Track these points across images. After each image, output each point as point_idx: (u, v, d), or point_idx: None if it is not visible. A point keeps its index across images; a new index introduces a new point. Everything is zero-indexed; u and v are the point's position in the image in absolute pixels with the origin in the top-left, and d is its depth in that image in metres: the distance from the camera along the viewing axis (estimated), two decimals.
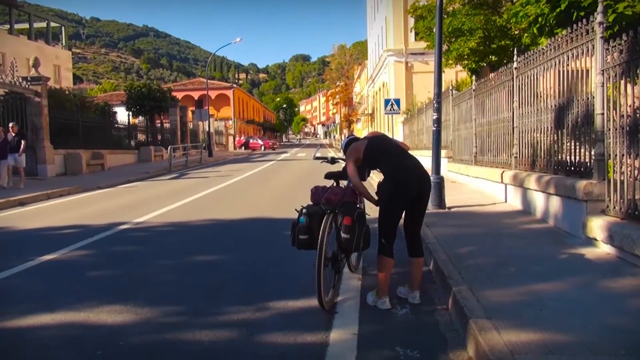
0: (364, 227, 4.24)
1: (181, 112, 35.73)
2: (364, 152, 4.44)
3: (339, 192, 4.37)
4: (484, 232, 6.73)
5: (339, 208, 4.26)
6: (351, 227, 4.13)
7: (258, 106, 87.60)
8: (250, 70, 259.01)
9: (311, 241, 4.17)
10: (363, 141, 4.61)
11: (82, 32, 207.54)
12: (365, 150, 4.45)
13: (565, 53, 6.65)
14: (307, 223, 4.20)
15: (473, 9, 15.75)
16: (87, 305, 4.43)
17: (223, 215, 9.59)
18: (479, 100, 11.00)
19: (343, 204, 4.28)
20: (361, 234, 4.19)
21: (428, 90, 17.67)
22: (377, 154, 4.45)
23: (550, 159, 7.31)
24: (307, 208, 4.32)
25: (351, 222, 4.13)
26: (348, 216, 4.15)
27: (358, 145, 4.54)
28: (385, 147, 4.52)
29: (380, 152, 4.46)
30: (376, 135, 4.81)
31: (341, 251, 4.40)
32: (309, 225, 4.20)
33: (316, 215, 4.23)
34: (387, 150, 4.49)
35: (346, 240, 4.15)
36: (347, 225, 4.13)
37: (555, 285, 4.30)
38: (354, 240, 4.14)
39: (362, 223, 4.22)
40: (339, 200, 4.30)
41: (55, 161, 19.31)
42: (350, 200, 4.38)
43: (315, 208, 4.32)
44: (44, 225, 8.98)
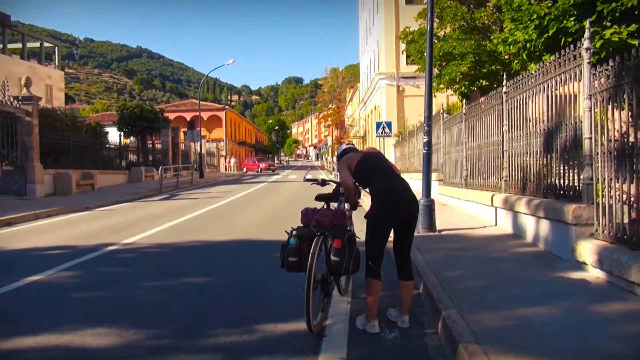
0: (354, 250, 4.19)
1: (173, 133, 35.72)
2: (356, 165, 4.46)
3: (329, 215, 4.34)
4: (474, 256, 6.72)
5: (329, 230, 4.22)
6: (341, 249, 4.08)
7: (250, 128, 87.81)
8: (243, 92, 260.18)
9: (301, 263, 4.12)
10: (358, 154, 4.64)
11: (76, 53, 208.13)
12: (357, 164, 4.47)
13: (553, 78, 6.73)
14: (297, 245, 4.16)
15: (464, 33, 15.98)
16: (71, 328, 4.36)
17: (212, 236, 9.53)
18: (469, 123, 11.08)
19: (333, 227, 4.25)
20: (351, 257, 4.14)
21: (419, 113, 17.79)
22: (371, 171, 4.46)
23: (540, 182, 7.34)
24: (297, 230, 4.28)
25: (341, 245, 4.08)
26: (338, 239, 4.11)
27: (352, 157, 4.57)
28: (379, 165, 4.52)
29: (374, 169, 4.46)
30: (371, 151, 4.80)
31: (331, 274, 4.34)
32: (299, 247, 4.15)
33: (306, 238, 4.19)
34: (380, 168, 4.49)
35: (336, 263, 4.10)
36: (337, 248, 4.08)
37: (545, 310, 4.28)
38: (343, 263, 4.09)
39: (352, 246, 4.17)
40: (329, 223, 4.27)
41: (45, 181, 19.17)
42: (340, 222, 4.33)
43: (305, 230, 4.27)
44: (31, 245, 8.88)
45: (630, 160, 4.97)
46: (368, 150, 4.81)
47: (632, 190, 4.96)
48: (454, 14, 16.13)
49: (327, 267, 4.24)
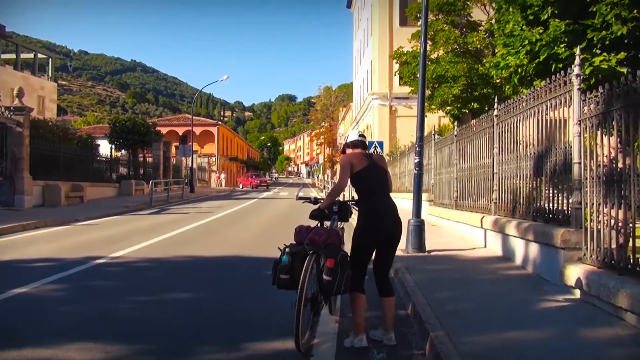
0: (347, 270, 4.16)
1: (165, 147, 35.66)
2: (358, 172, 4.46)
3: (323, 233, 4.30)
4: (463, 277, 6.73)
5: (323, 249, 4.19)
6: (334, 269, 4.05)
7: (242, 144, 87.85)
8: (236, 108, 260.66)
9: (292, 281, 4.11)
10: (365, 159, 4.56)
11: (70, 65, 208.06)
12: (361, 171, 4.47)
13: (544, 103, 6.82)
14: (290, 262, 4.14)
15: (456, 56, 16.18)
16: (55, 342, 4.30)
17: (202, 252, 9.48)
18: (460, 145, 11.16)
19: (327, 246, 4.21)
20: (343, 277, 4.10)
21: (411, 134, 17.92)
22: (367, 185, 4.51)
23: (529, 205, 7.39)
24: (290, 247, 4.26)
25: (334, 265, 4.06)
26: (331, 258, 4.08)
27: (359, 160, 4.53)
28: (377, 182, 4.53)
29: (369, 185, 4.50)
30: (379, 162, 4.67)
31: (322, 293, 4.31)
32: (291, 265, 4.13)
33: (299, 255, 4.17)
34: (375, 186, 4.51)
35: (328, 282, 4.06)
36: (330, 268, 4.06)
37: (532, 333, 4.29)
38: (335, 282, 4.06)
39: (344, 266, 4.14)
40: (322, 242, 4.23)
41: (34, 192, 19.03)
42: (334, 242, 4.30)
43: (298, 247, 4.25)
44: (17, 257, 8.78)
45: (618, 186, 5.02)
46: (377, 159, 4.69)
47: (619, 215, 5.00)
48: (447, 38, 16.37)
49: (319, 286, 4.20)
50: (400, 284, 6.43)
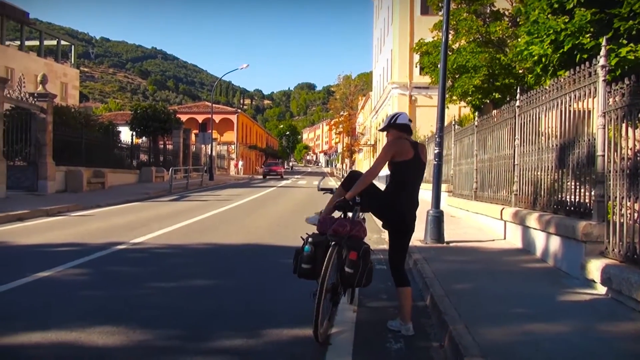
0: (368, 263, 4.17)
1: (184, 134, 35.89)
2: (399, 162, 4.33)
3: (347, 225, 4.26)
4: (482, 269, 6.70)
5: (346, 241, 4.18)
6: (356, 262, 4.06)
7: (261, 132, 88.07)
8: (255, 96, 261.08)
9: (313, 271, 4.13)
10: (409, 151, 4.38)
11: (92, 52, 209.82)
12: (408, 162, 4.34)
13: (567, 94, 6.72)
14: (312, 252, 4.15)
15: (478, 46, 15.99)
16: (79, 325, 4.39)
17: (220, 239, 9.56)
18: (481, 136, 11.07)
19: (350, 238, 4.20)
20: (365, 270, 4.11)
21: (431, 124, 17.79)
22: (401, 177, 4.41)
23: (551, 198, 7.32)
24: (313, 237, 4.26)
25: (357, 257, 4.06)
26: (354, 251, 4.08)
27: (405, 149, 4.36)
28: (410, 175, 4.45)
29: (404, 176, 4.40)
30: (418, 157, 4.45)
31: (342, 285, 4.33)
32: (314, 255, 4.15)
33: (321, 246, 4.18)
34: (409, 178, 4.44)
35: (350, 275, 4.08)
36: (353, 260, 4.06)
37: (551, 327, 4.26)
38: (357, 275, 4.08)
39: (366, 259, 4.15)
40: (346, 233, 4.22)
41: (56, 178, 19.33)
42: (357, 234, 4.27)
43: (321, 238, 4.25)
44: (40, 241, 8.95)
45: None
46: (421, 150, 4.51)
47: None
48: (469, 27, 16.17)
49: (340, 278, 4.21)
50: (419, 274, 6.42)
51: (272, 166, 54.09)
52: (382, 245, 9.18)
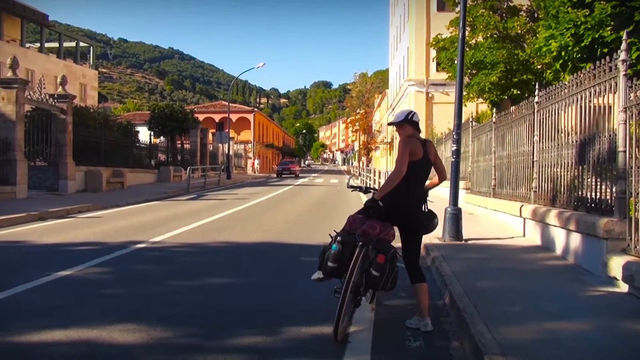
0: (395, 268, 4.17)
1: (202, 133, 36.09)
2: (411, 161, 4.31)
3: (377, 227, 4.24)
4: (502, 267, 6.64)
5: (374, 244, 4.16)
6: (383, 265, 4.07)
7: (278, 131, 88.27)
8: (272, 95, 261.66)
9: (339, 270, 4.13)
10: (420, 149, 4.38)
11: (110, 53, 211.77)
12: (413, 162, 4.32)
13: (587, 89, 6.63)
14: (339, 251, 4.14)
15: (496, 42, 15.85)
16: (100, 323, 4.44)
17: (239, 238, 9.60)
18: (499, 132, 10.97)
19: (378, 240, 4.19)
20: (390, 275, 4.12)
21: (448, 121, 17.69)
22: (418, 177, 4.45)
23: (571, 194, 7.23)
24: (341, 236, 4.24)
25: (384, 261, 4.07)
26: (382, 254, 4.08)
27: (417, 148, 4.37)
28: (418, 174, 4.44)
29: (413, 175, 4.38)
30: (427, 155, 4.46)
31: (367, 287, 4.31)
32: (341, 254, 4.14)
33: (349, 245, 4.16)
34: (417, 176, 4.44)
35: (375, 278, 4.08)
36: (380, 264, 4.06)
37: (573, 325, 4.21)
38: (382, 279, 4.09)
39: (393, 263, 4.15)
40: (375, 236, 4.20)
41: (76, 178, 19.57)
42: (386, 237, 4.27)
43: (349, 237, 4.22)
44: (61, 240, 9.07)
45: None
46: (429, 147, 4.51)
47: None
48: (487, 23, 16.03)
49: (365, 279, 4.19)
50: (437, 272, 6.39)
51: (286, 164, 51.19)
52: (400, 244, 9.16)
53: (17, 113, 16.16)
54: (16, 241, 9.04)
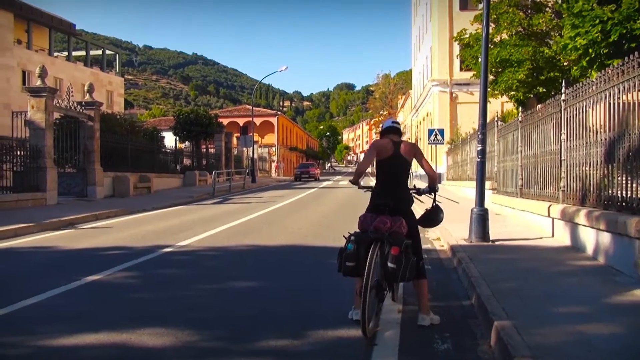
0: (411, 258, 4.25)
1: (226, 138, 36.39)
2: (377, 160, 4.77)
3: (387, 222, 4.35)
4: (530, 268, 6.54)
5: (387, 238, 4.26)
6: (398, 257, 4.14)
7: (301, 133, 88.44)
8: (295, 98, 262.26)
9: (357, 268, 4.20)
10: (388, 149, 4.69)
11: (135, 60, 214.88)
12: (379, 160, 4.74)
13: (616, 85, 6.49)
14: (355, 250, 4.22)
15: (521, 39, 15.64)
16: (129, 327, 4.50)
17: (264, 241, 9.64)
18: (525, 131, 10.82)
19: (391, 234, 4.29)
20: (407, 265, 4.19)
21: (473, 120, 17.53)
22: (378, 172, 4.83)
23: (600, 193, 7.08)
24: (355, 235, 4.35)
25: (399, 252, 4.15)
26: (396, 246, 4.17)
27: (382, 148, 4.73)
28: (386, 171, 4.74)
29: (380, 172, 4.80)
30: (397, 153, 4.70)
31: (387, 281, 4.38)
32: (357, 253, 4.22)
33: (364, 243, 4.26)
34: (384, 174, 4.77)
35: (392, 270, 4.16)
36: (395, 255, 4.14)
37: (604, 327, 4.12)
38: (400, 270, 4.16)
39: (409, 254, 4.23)
40: (387, 230, 4.31)
41: (104, 183, 19.92)
42: (398, 230, 4.36)
43: (363, 236, 4.34)
44: (90, 245, 9.23)
45: None
46: (404, 149, 4.73)
47: None
48: (511, 20, 15.82)
49: (384, 273, 4.27)
50: (464, 273, 6.32)
51: (306, 167, 47.00)
52: (426, 245, 9.09)
53: (46, 121, 16.52)
54: (47, 247, 9.23)
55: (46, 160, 16.39)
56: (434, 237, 9.76)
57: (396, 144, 4.69)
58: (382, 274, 4.30)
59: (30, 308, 5.21)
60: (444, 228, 9.91)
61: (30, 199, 15.62)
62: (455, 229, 9.79)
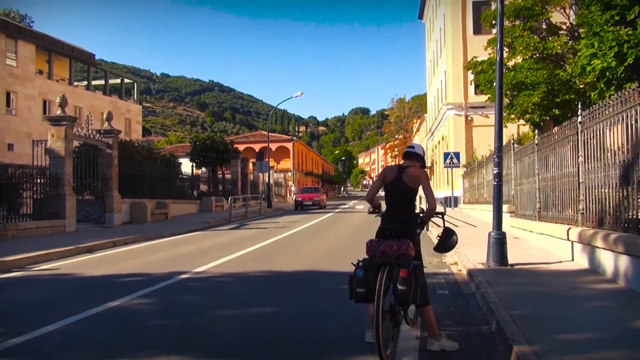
0: (421, 279, 4.25)
1: (242, 163, 36.62)
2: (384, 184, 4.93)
3: (393, 245, 4.36)
4: (550, 292, 6.44)
5: (395, 261, 4.26)
6: (407, 278, 4.13)
7: (317, 158, 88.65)
8: (310, 123, 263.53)
9: (368, 294, 4.18)
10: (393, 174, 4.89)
11: (153, 87, 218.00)
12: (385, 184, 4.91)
13: (633, 107, 6.45)
14: (364, 276, 4.22)
15: (536, 63, 15.64)
16: (146, 354, 4.50)
17: (280, 266, 9.63)
18: (542, 154, 10.75)
19: (399, 257, 4.29)
20: (417, 286, 4.18)
21: (488, 143, 17.45)
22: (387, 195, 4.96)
23: (620, 216, 6.99)
24: (364, 261, 4.35)
25: (407, 274, 4.14)
26: (404, 268, 4.17)
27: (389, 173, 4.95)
28: (389, 195, 4.86)
29: (386, 196, 4.95)
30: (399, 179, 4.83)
31: (398, 303, 4.36)
32: (366, 278, 4.21)
33: (373, 268, 4.26)
34: (389, 197, 4.90)
35: (403, 292, 4.14)
36: (403, 277, 4.14)
37: (628, 353, 4.04)
38: (410, 292, 4.14)
39: (418, 275, 4.23)
40: (394, 253, 4.31)
41: (122, 210, 20.10)
42: (405, 252, 4.35)
43: (371, 261, 4.34)
44: (108, 272, 9.28)
45: None
46: (407, 175, 4.81)
47: None
48: (526, 44, 15.85)
49: (395, 297, 4.25)
50: (482, 298, 6.24)
51: (307, 193, 37.50)
52: (444, 270, 9.01)
53: (65, 149, 16.80)
54: (66, 274, 9.31)
55: (65, 188, 16.62)
56: (452, 262, 9.67)
57: (401, 169, 4.79)
58: (394, 297, 4.28)
59: (49, 335, 5.24)
60: (461, 252, 9.83)
61: (49, 226, 15.81)
62: (472, 253, 9.69)
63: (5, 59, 32.18)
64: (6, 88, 31.97)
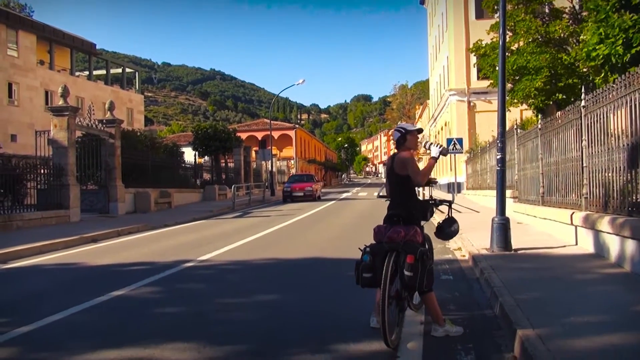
0: (427, 265, 4.25)
1: (245, 152, 36.60)
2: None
3: (401, 231, 4.38)
4: (554, 276, 6.45)
5: (402, 247, 4.27)
6: (414, 265, 4.14)
7: (319, 146, 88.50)
8: (312, 111, 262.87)
9: (374, 279, 4.22)
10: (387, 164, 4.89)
11: (154, 77, 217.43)
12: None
13: (637, 90, 6.41)
14: (371, 261, 4.26)
15: (538, 47, 15.53)
16: (152, 342, 4.52)
17: (284, 254, 9.66)
18: (545, 139, 10.72)
19: (406, 243, 4.30)
20: (424, 272, 4.19)
21: (491, 129, 17.40)
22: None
23: (624, 199, 6.97)
24: (371, 247, 4.38)
25: (414, 260, 4.15)
26: (411, 254, 4.17)
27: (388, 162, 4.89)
28: (387, 186, 4.88)
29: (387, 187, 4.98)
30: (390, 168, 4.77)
31: (405, 289, 4.38)
32: (373, 264, 4.25)
33: (379, 254, 4.28)
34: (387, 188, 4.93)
35: (409, 278, 4.16)
36: (410, 264, 4.15)
37: (633, 336, 4.04)
38: (417, 278, 4.15)
39: (425, 262, 4.22)
40: (401, 239, 4.32)
41: (126, 199, 20.14)
42: (412, 239, 4.36)
43: (378, 247, 4.37)
44: (113, 261, 9.32)
45: None
46: (396, 162, 4.71)
47: None
48: (528, 28, 15.73)
49: (401, 282, 4.28)
50: (487, 283, 6.25)
51: (297, 182, 31.36)
52: (447, 255, 9.03)
53: (68, 139, 16.81)
54: (71, 263, 9.35)
55: (69, 178, 16.65)
56: (455, 247, 9.68)
57: (393, 158, 4.76)
58: (401, 283, 4.31)
59: (55, 324, 5.27)
60: (465, 238, 9.84)
61: (53, 216, 15.86)
62: (476, 238, 9.70)
63: (6, 50, 32.11)
64: (8, 79, 31.93)
